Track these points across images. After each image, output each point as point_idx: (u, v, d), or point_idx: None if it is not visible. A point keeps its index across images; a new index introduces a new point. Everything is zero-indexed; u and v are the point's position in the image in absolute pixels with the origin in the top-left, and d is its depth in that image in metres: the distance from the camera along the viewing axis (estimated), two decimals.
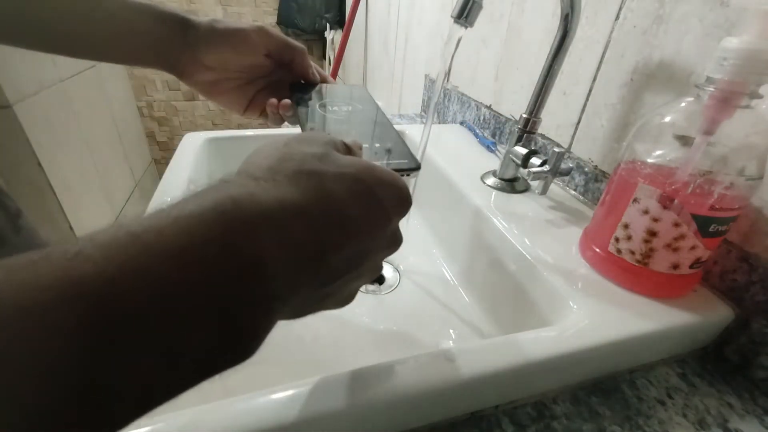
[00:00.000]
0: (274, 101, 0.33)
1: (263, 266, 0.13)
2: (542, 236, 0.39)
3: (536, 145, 0.53)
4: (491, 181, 0.50)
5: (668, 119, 0.30)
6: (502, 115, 0.62)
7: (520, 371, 0.26)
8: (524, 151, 0.45)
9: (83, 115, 1.33)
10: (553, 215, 0.44)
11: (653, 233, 0.30)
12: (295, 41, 0.34)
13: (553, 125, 0.50)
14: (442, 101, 0.81)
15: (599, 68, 0.43)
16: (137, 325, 0.11)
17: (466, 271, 0.49)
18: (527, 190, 0.49)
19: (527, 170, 0.43)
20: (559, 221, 0.42)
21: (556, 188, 0.49)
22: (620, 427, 0.27)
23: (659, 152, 0.30)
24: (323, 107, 0.32)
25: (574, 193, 0.48)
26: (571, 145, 0.48)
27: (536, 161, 0.43)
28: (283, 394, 0.23)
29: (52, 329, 0.09)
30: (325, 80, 0.36)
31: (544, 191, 0.44)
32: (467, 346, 0.27)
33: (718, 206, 0.27)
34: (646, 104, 0.39)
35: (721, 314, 0.31)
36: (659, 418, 0.28)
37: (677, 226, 0.29)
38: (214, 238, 0.12)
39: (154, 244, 0.11)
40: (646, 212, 0.30)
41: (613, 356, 0.30)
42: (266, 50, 0.33)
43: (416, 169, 0.25)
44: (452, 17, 0.37)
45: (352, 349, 0.41)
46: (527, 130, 0.46)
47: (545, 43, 0.50)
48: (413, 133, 0.67)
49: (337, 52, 1.48)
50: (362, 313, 0.45)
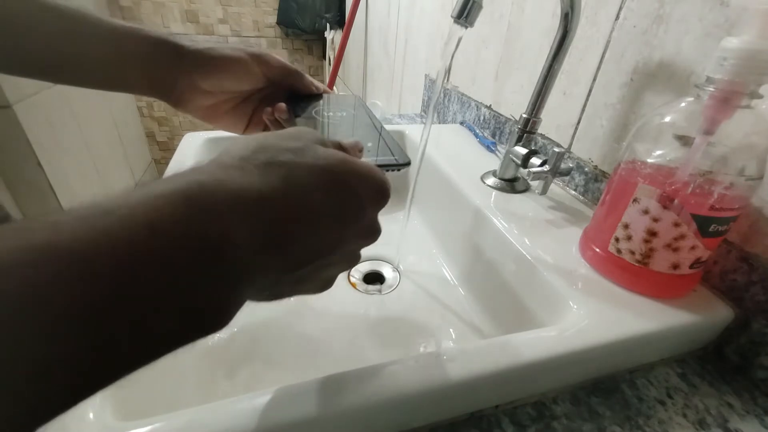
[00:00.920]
0: (269, 109, 0.32)
1: (226, 246, 0.14)
2: (542, 236, 0.39)
3: (536, 145, 0.53)
4: (491, 181, 0.50)
5: (668, 119, 0.30)
6: (502, 115, 0.62)
7: (520, 371, 0.26)
8: (524, 151, 0.45)
9: (83, 115, 1.33)
10: (553, 215, 0.44)
11: (653, 233, 0.30)
12: (292, 66, 0.34)
13: (553, 125, 0.50)
14: (442, 101, 0.81)
15: (599, 68, 0.43)
16: (110, 286, 0.11)
17: (466, 271, 0.49)
18: (527, 190, 0.49)
19: (527, 170, 0.43)
20: (559, 221, 0.42)
21: (556, 188, 0.49)
22: (620, 427, 0.27)
23: (659, 152, 0.30)
24: (318, 113, 0.32)
25: (574, 193, 0.48)
26: (571, 145, 0.48)
27: (536, 161, 0.43)
28: (282, 394, 0.23)
29: (28, 287, 0.10)
30: (326, 91, 0.36)
31: (544, 191, 0.44)
32: (467, 346, 0.27)
33: (718, 206, 0.27)
34: (646, 104, 0.39)
35: (721, 314, 0.31)
36: (659, 418, 0.28)
37: (677, 226, 0.29)
38: (180, 217, 0.13)
39: (127, 217, 0.12)
40: (646, 212, 0.30)
41: (613, 356, 0.30)
42: (265, 78, 0.33)
43: (406, 164, 0.25)
44: (452, 17, 0.37)
45: (352, 349, 0.41)
46: (527, 130, 0.46)
47: (545, 43, 0.50)
48: (413, 133, 0.67)
49: (337, 52, 1.48)
50: (362, 312, 0.45)
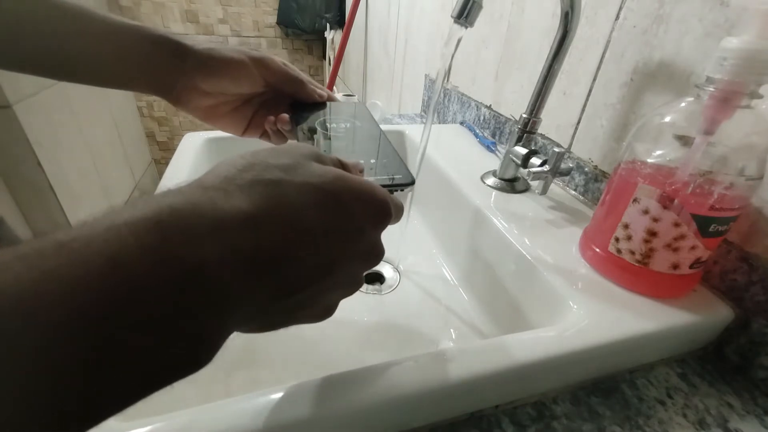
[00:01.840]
0: (272, 118, 0.32)
1: (203, 274, 0.13)
2: (542, 236, 0.39)
3: (536, 145, 0.53)
4: (491, 181, 0.50)
5: (668, 119, 0.30)
6: (502, 115, 0.62)
7: (520, 371, 0.26)
8: (524, 151, 0.45)
9: (83, 115, 1.33)
10: (553, 215, 0.44)
11: (653, 233, 0.30)
12: (295, 71, 0.33)
13: (553, 125, 0.50)
14: (442, 101, 0.81)
15: (599, 68, 0.43)
16: (63, 338, 0.10)
17: (466, 271, 0.49)
18: (527, 190, 0.49)
19: (527, 170, 0.43)
20: (559, 221, 0.42)
21: (556, 188, 0.49)
22: (620, 427, 0.27)
23: (659, 152, 0.30)
24: (322, 125, 0.32)
25: (574, 193, 0.48)
26: (571, 145, 0.48)
27: (536, 161, 0.43)
28: (283, 394, 0.23)
29: None
30: (331, 99, 0.36)
31: (544, 191, 0.44)
32: (467, 346, 0.27)
33: (718, 206, 0.27)
34: (646, 104, 0.39)
35: (721, 314, 0.31)
36: (659, 418, 0.28)
37: (677, 226, 0.29)
38: (148, 247, 0.12)
39: (80, 251, 0.11)
40: (646, 212, 0.30)
41: (613, 356, 0.30)
42: (265, 82, 0.32)
43: (410, 184, 0.25)
44: (452, 17, 0.37)
45: (352, 348, 0.41)
46: (527, 130, 0.46)
47: (545, 43, 0.50)
48: (413, 133, 0.67)
49: (337, 52, 1.48)
50: (362, 313, 0.45)
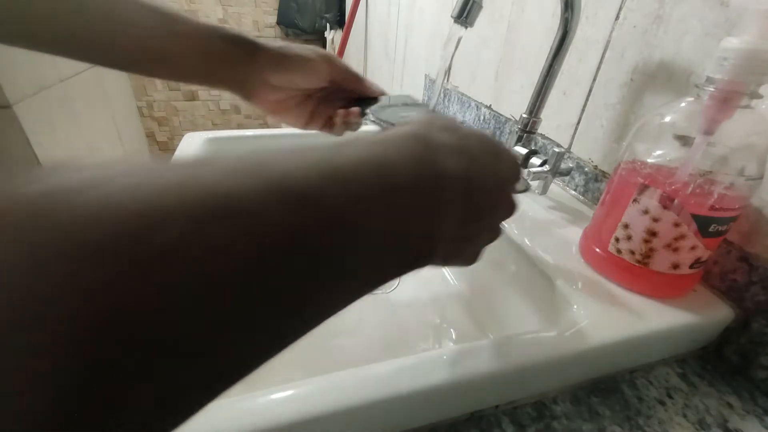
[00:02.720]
0: (342, 111, 0.35)
1: (444, 177, 0.16)
2: (542, 236, 0.39)
3: (536, 145, 0.53)
4: None
5: (668, 119, 0.30)
6: (502, 115, 0.62)
7: (520, 371, 0.26)
8: (524, 151, 0.45)
9: (83, 115, 1.33)
10: (553, 215, 0.44)
11: (653, 233, 0.30)
12: (354, 69, 0.36)
13: (553, 125, 0.50)
14: (442, 101, 0.81)
15: (599, 68, 0.43)
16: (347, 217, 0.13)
17: (466, 270, 0.49)
18: (527, 190, 0.49)
19: (527, 170, 0.43)
20: (559, 221, 0.42)
21: (556, 188, 0.49)
22: (620, 427, 0.27)
23: (659, 152, 0.30)
24: (395, 114, 0.34)
25: (574, 193, 0.48)
26: (571, 145, 0.48)
27: (536, 161, 0.43)
28: (282, 394, 0.23)
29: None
30: (383, 93, 0.38)
31: (544, 191, 0.44)
32: (467, 346, 0.27)
33: (718, 206, 0.27)
34: (646, 104, 0.39)
35: (721, 314, 0.31)
36: (659, 418, 0.28)
37: (677, 226, 0.29)
38: (414, 151, 0.15)
39: (391, 146, 0.15)
40: (646, 212, 0.30)
41: (613, 356, 0.30)
42: (330, 78, 0.34)
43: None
44: (452, 17, 0.37)
45: (351, 348, 0.41)
46: (527, 130, 0.46)
47: (545, 43, 0.50)
48: None
49: (337, 52, 1.47)
50: (362, 312, 0.45)
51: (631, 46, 0.39)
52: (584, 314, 0.30)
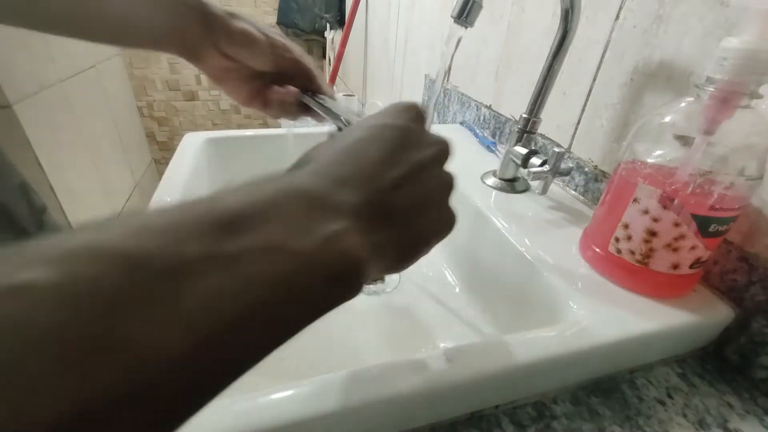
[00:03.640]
0: (280, 89, 0.34)
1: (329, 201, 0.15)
2: (542, 236, 0.39)
3: (536, 145, 0.53)
4: (491, 181, 0.50)
5: (668, 119, 0.30)
6: (502, 115, 0.62)
7: (520, 371, 0.26)
8: (524, 151, 0.45)
9: (83, 115, 1.33)
10: (553, 215, 0.44)
11: (653, 233, 0.30)
12: (308, 64, 0.35)
13: (553, 125, 0.50)
14: (442, 101, 0.81)
15: (599, 68, 0.43)
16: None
17: (466, 271, 0.49)
18: (527, 190, 0.49)
19: (527, 170, 0.43)
20: (559, 221, 0.42)
21: (556, 188, 0.49)
22: (620, 427, 0.27)
23: (659, 152, 0.30)
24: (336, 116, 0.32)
25: (574, 193, 0.48)
26: (571, 145, 0.48)
27: (536, 161, 0.43)
28: (282, 394, 0.23)
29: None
30: (332, 95, 0.37)
31: (544, 191, 0.44)
32: (467, 346, 0.27)
33: (718, 206, 0.27)
34: (646, 104, 0.39)
35: (721, 314, 0.31)
36: (659, 418, 0.28)
37: (677, 226, 0.29)
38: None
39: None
40: (646, 212, 0.30)
41: (613, 356, 0.30)
42: (276, 66, 0.34)
43: None
44: (452, 17, 0.37)
45: (351, 348, 0.41)
46: (527, 130, 0.46)
47: (545, 43, 0.50)
48: None
49: (337, 52, 1.47)
50: (362, 313, 0.45)
51: (631, 46, 0.39)
52: (584, 314, 0.30)
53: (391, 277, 0.51)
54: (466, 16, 0.36)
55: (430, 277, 0.51)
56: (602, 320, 0.29)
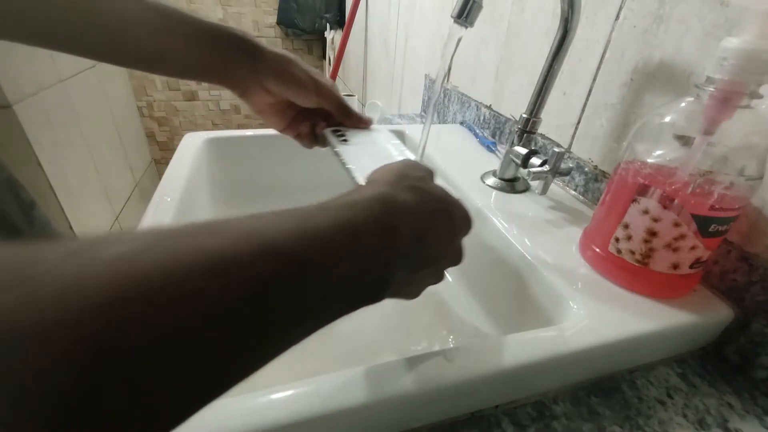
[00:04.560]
0: (310, 124, 0.38)
1: (397, 238, 0.19)
2: (542, 236, 0.39)
3: (536, 145, 0.53)
4: (491, 181, 0.50)
5: (668, 119, 0.30)
6: (502, 115, 0.62)
7: (520, 371, 0.26)
8: (524, 151, 0.45)
9: (83, 115, 1.33)
10: (553, 215, 0.44)
11: (653, 233, 0.30)
12: (344, 102, 0.37)
13: (553, 125, 0.50)
14: (442, 101, 0.81)
15: (599, 68, 0.43)
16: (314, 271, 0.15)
17: (466, 271, 0.49)
18: (527, 190, 0.49)
19: (527, 170, 0.43)
20: (559, 221, 0.42)
21: (556, 188, 0.49)
22: (620, 427, 0.27)
23: (659, 152, 0.30)
24: (361, 149, 0.34)
25: (574, 193, 0.48)
26: (571, 145, 0.48)
27: (536, 161, 0.43)
28: (282, 394, 0.23)
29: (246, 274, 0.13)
30: (369, 123, 0.39)
31: (544, 191, 0.44)
32: (467, 346, 0.27)
33: (718, 206, 0.27)
34: (646, 104, 0.39)
35: (721, 314, 0.31)
36: (659, 418, 0.28)
37: (677, 226, 0.29)
38: (377, 215, 0.18)
39: (344, 209, 0.17)
40: (646, 212, 0.30)
41: (613, 356, 0.30)
42: (318, 105, 0.36)
43: None
44: (452, 17, 0.37)
45: (351, 349, 0.41)
46: (527, 130, 0.46)
47: (545, 43, 0.50)
48: (413, 133, 0.67)
49: (337, 52, 1.48)
50: (362, 313, 0.45)
51: (631, 46, 0.39)
52: (584, 314, 0.30)
53: None
54: (466, 16, 0.36)
55: None
56: (602, 320, 0.29)
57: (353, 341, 0.42)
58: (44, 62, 1.14)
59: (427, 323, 0.44)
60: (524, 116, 0.45)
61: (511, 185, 0.49)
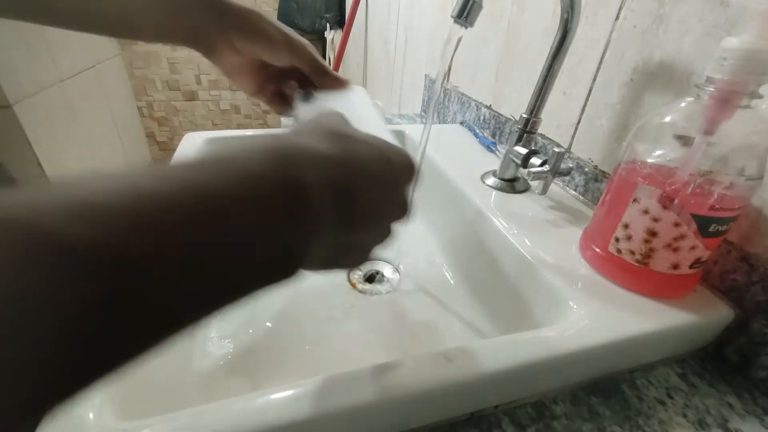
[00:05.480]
0: (286, 83, 0.35)
1: (306, 192, 0.16)
2: (542, 236, 0.39)
3: (536, 145, 0.53)
4: (491, 181, 0.50)
5: (668, 119, 0.30)
6: (502, 115, 0.62)
7: (520, 371, 0.26)
8: (524, 151, 0.45)
9: (83, 115, 1.33)
10: (553, 215, 0.44)
11: (653, 233, 0.30)
12: (321, 62, 0.35)
13: (553, 125, 0.50)
14: (442, 101, 0.81)
15: (599, 68, 0.43)
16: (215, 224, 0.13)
17: (466, 271, 0.49)
18: (527, 190, 0.49)
19: (527, 170, 0.43)
20: (559, 221, 0.42)
21: (556, 188, 0.49)
22: (620, 427, 0.27)
23: (659, 152, 0.30)
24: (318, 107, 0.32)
25: (574, 193, 0.48)
26: (571, 145, 0.48)
27: (536, 161, 0.43)
28: (283, 394, 0.23)
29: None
30: (345, 84, 0.36)
31: (544, 191, 0.44)
32: (467, 346, 0.27)
33: (718, 206, 0.27)
34: (646, 104, 0.39)
35: (721, 314, 0.31)
36: (659, 418, 0.28)
37: (677, 226, 0.29)
38: (276, 169, 0.15)
39: (240, 162, 0.15)
40: (646, 212, 0.30)
41: (613, 356, 0.30)
42: (291, 63, 0.34)
43: None
44: (452, 17, 0.37)
45: (352, 349, 0.41)
46: (527, 130, 0.46)
47: (545, 43, 0.50)
48: (413, 133, 0.67)
49: (337, 52, 1.47)
50: (362, 313, 0.45)
51: (631, 46, 0.39)
52: (584, 314, 0.30)
53: (390, 277, 0.51)
54: (466, 16, 0.36)
55: (430, 277, 0.51)
56: (602, 320, 0.29)
57: (353, 342, 0.42)
58: (44, 62, 1.14)
59: (426, 323, 0.44)
60: (524, 116, 0.45)
61: (511, 185, 0.49)
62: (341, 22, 1.79)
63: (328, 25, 1.81)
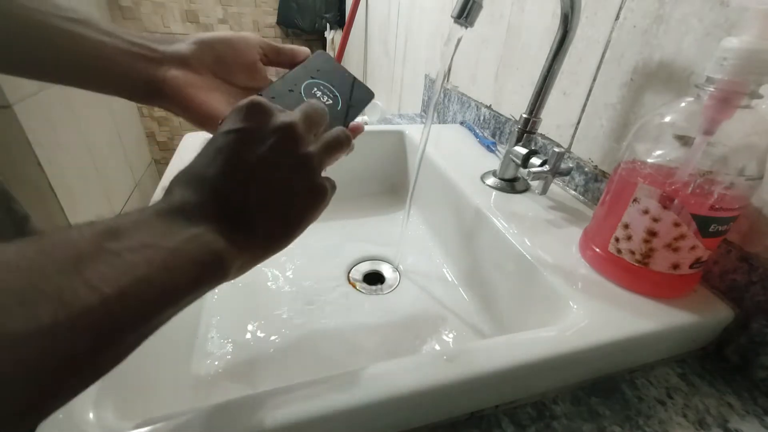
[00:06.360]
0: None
1: (220, 245, 0.19)
2: (542, 236, 0.39)
3: (536, 145, 0.53)
4: (491, 181, 0.50)
5: (668, 119, 0.30)
6: (502, 115, 0.62)
7: (520, 371, 0.26)
8: (524, 151, 0.45)
9: (83, 115, 1.33)
10: (553, 215, 0.44)
11: (653, 233, 0.30)
12: (273, 43, 0.32)
13: (553, 125, 0.50)
14: (442, 101, 0.81)
15: (599, 68, 0.43)
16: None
17: (465, 271, 0.49)
18: (527, 190, 0.49)
19: (527, 170, 0.43)
20: (559, 221, 0.42)
21: (556, 188, 0.49)
22: (620, 427, 0.27)
23: (659, 152, 0.30)
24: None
25: (574, 193, 0.48)
26: (571, 145, 0.48)
27: (536, 161, 0.43)
28: (282, 394, 0.23)
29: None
30: (302, 53, 0.32)
31: (544, 191, 0.44)
32: (467, 346, 0.27)
33: (718, 206, 0.27)
34: (646, 104, 0.39)
35: (721, 314, 0.31)
36: (659, 418, 0.28)
37: (677, 226, 0.29)
38: (188, 249, 0.18)
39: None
40: (646, 212, 0.30)
41: (613, 356, 0.30)
42: (260, 49, 0.31)
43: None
44: (452, 17, 0.37)
45: (351, 349, 0.41)
46: (527, 130, 0.46)
47: (545, 43, 0.50)
48: (413, 133, 0.67)
49: (337, 52, 1.47)
50: (362, 313, 0.45)
51: (631, 46, 0.39)
52: (584, 314, 0.30)
53: (390, 277, 0.51)
54: (466, 16, 0.36)
55: (430, 277, 0.51)
56: (602, 320, 0.29)
57: (353, 342, 0.42)
58: None
59: (426, 323, 0.44)
60: (524, 116, 0.45)
61: (511, 185, 0.49)
62: (341, 22, 1.78)
63: (328, 25, 1.81)
